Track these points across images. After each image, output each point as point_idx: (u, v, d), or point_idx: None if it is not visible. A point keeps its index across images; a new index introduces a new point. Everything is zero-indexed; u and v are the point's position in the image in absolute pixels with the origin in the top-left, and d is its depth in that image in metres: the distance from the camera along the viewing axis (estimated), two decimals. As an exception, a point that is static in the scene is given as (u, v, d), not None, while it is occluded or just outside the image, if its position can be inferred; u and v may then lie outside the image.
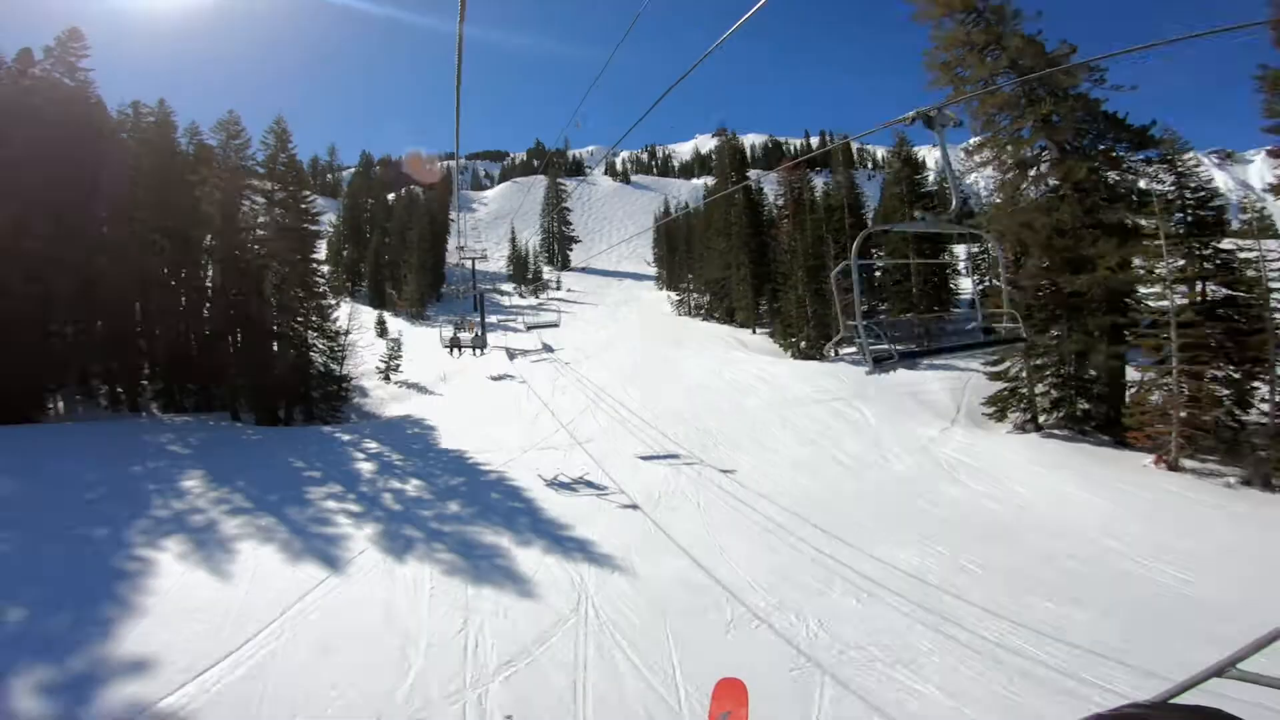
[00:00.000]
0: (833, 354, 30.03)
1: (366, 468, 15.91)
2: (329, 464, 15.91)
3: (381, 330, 41.49)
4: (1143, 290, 19.17)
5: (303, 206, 26.36)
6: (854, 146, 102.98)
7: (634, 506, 14.07)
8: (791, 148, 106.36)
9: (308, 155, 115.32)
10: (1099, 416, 20.04)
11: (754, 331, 37.84)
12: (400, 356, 31.17)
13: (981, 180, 26.36)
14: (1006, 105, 21.45)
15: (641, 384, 27.05)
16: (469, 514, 12.91)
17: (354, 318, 28.11)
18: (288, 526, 12.16)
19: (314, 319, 24.84)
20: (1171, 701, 1.09)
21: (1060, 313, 20.34)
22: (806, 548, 12.18)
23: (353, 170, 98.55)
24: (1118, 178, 20.32)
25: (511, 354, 35.02)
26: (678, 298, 48.12)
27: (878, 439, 19.80)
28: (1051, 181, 20.94)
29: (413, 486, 14.46)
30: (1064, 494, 15.43)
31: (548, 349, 35.50)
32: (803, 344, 30.02)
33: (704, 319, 43.56)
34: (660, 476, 16.28)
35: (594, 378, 28.42)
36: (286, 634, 8.95)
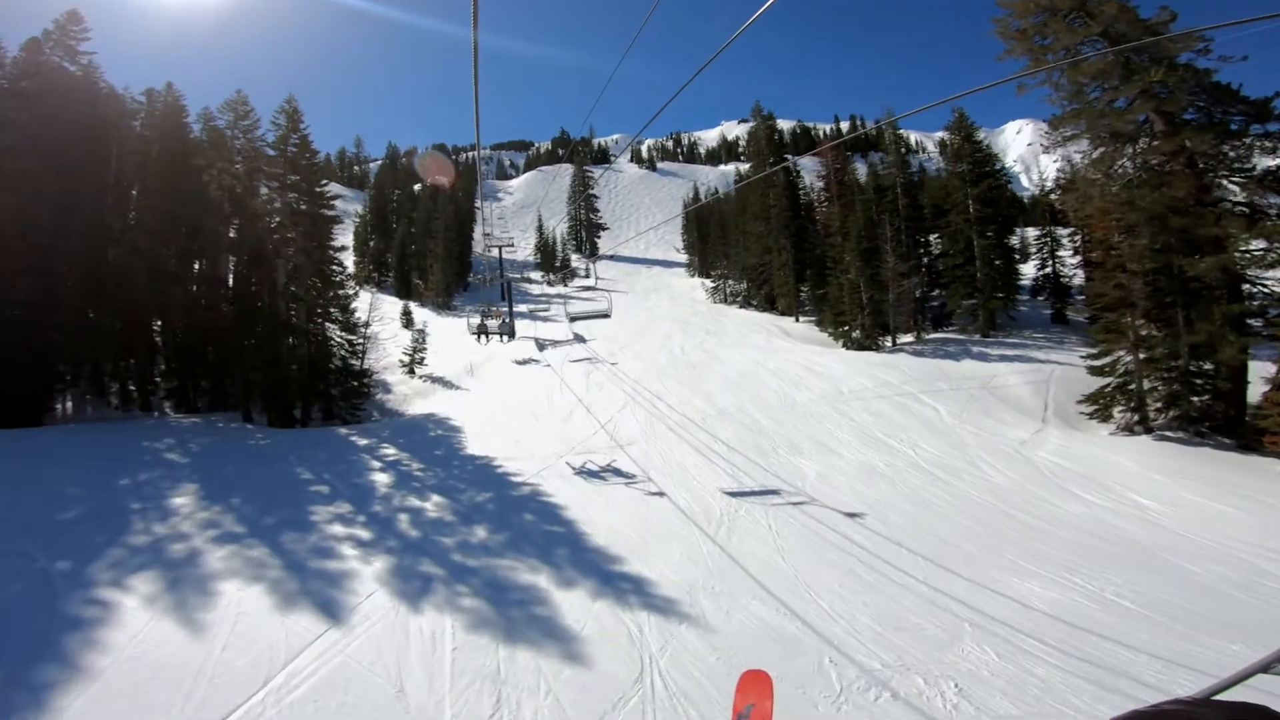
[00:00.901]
0: (891, 343, 27.16)
1: (382, 480, 13.68)
2: (340, 475, 13.73)
3: (407, 321, 39.61)
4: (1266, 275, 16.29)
5: (317, 190, 24.27)
6: (887, 132, 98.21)
7: (693, 526, 11.66)
8: (822, 132, 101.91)
9: (334, 148, 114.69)
10: (1218, 416, 17.05)
11: (797, 319, 34.97)
12: (425, 349, 29.10)
13: (1064, 156, 23.14)
14: (1100, 74, 18.32)
15: (680, 376, 24.56)
16: (498, 542, 10.58)
17: (376, 308, 26.03)
18: (282, 560, 9.99)
19: (332, 311, 22.79)
20: (1215, 698, 0.98)
21: (1175, 299, 17.26)
22: (910, 581, 9.68)
23: (379, 162, 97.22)
24: (1235, 153, 17.21)
25: (541, 344, 32.79)
26: (712, 285, 45.32)
27: (960, 441, 17.05)
28: (1153, 158, 17.87)
29: (433, 505, 12.18)
30: (1198, 507, 12.81)
31: (579, 339, 33.16)
32: (855, 333, 27.12)
33: (741, 306, 40.74)
34: (717, 488, 13.82)
35: (629, 369, 26.00)
36: (268, 716, 6.75)
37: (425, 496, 12.56)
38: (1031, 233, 35.88)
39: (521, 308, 39.79)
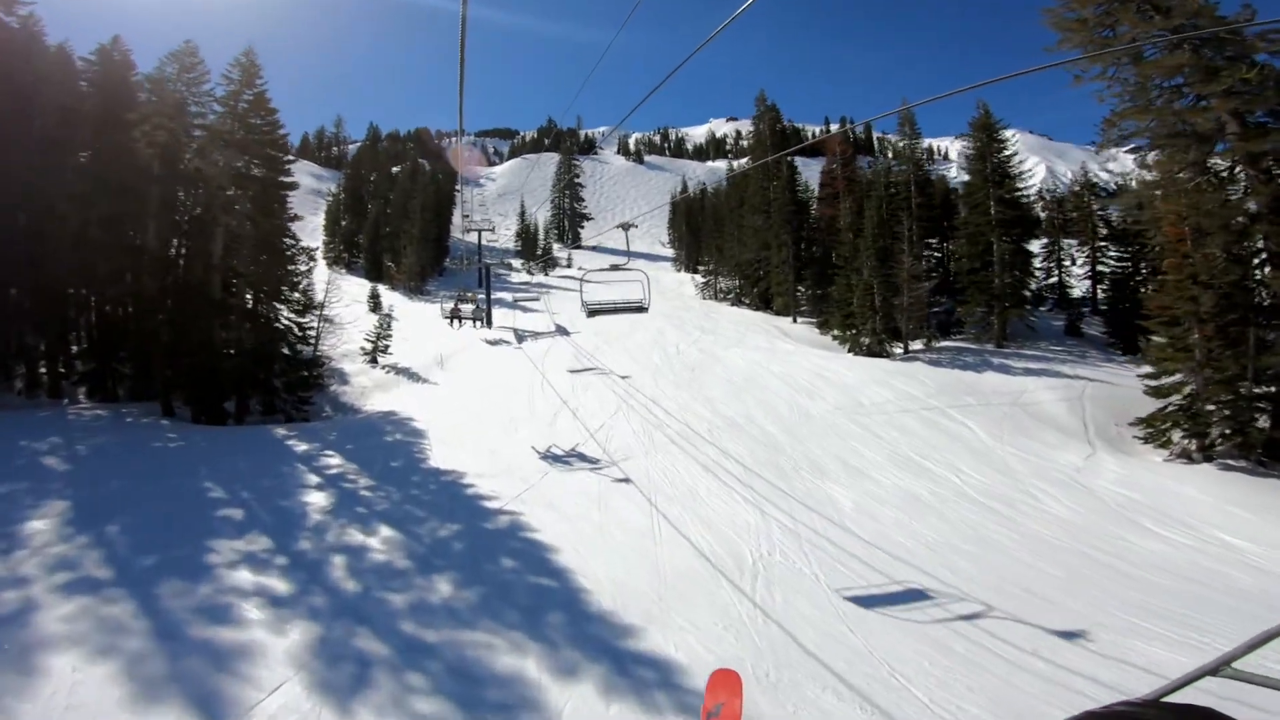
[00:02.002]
0: (903, 350, 24.84)
1: (317, 503, 10.55)
2: (262, 495, 10.55)
3: (375, 305, 36.05)
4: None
5: (270, 153, 20.80)
6: (875, 134, 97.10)
7: (720, 577, 8.96)
8: (811, 134, 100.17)
9: (313, 127, 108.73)
10: (1280, 444, 15.11)
11: (794, 320, 32.52)
12: (390, 335, 25.71)
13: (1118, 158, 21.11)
14: (1172, 70, 16.17)
15: (678, 378, 21.85)
16: (468, 603, 7.66)
17: (334, 288, 22.68)
18: (153, 622, 6.95)
19: (282, 290, 19.41)
20: (1164, 700, 1.02)
21: (1247, 316, 15.18)
22: (1015, 652, 7.39)
23: (360, 144, 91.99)
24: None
25: (520, 335, 29.72)
26: (703, 280, 42.65)
27: (1005, 465, 14.71)
28: (1224, 160, 15.82)
29: (381, 542, 9.15)
30: (1300, 548, 10.80)
31: (562, 331, 30.19)
32: (865, 339, 24.74)
33: (733, 304, 38.13)
34: (741, 522, 11.14)
35: (620, 368, 23.18)
36: None
37: (372, 528, 9.52)
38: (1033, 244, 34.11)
39: (503, 295, 36.61)
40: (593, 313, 11.62)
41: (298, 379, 18.74)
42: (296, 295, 19.71)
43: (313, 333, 20.40)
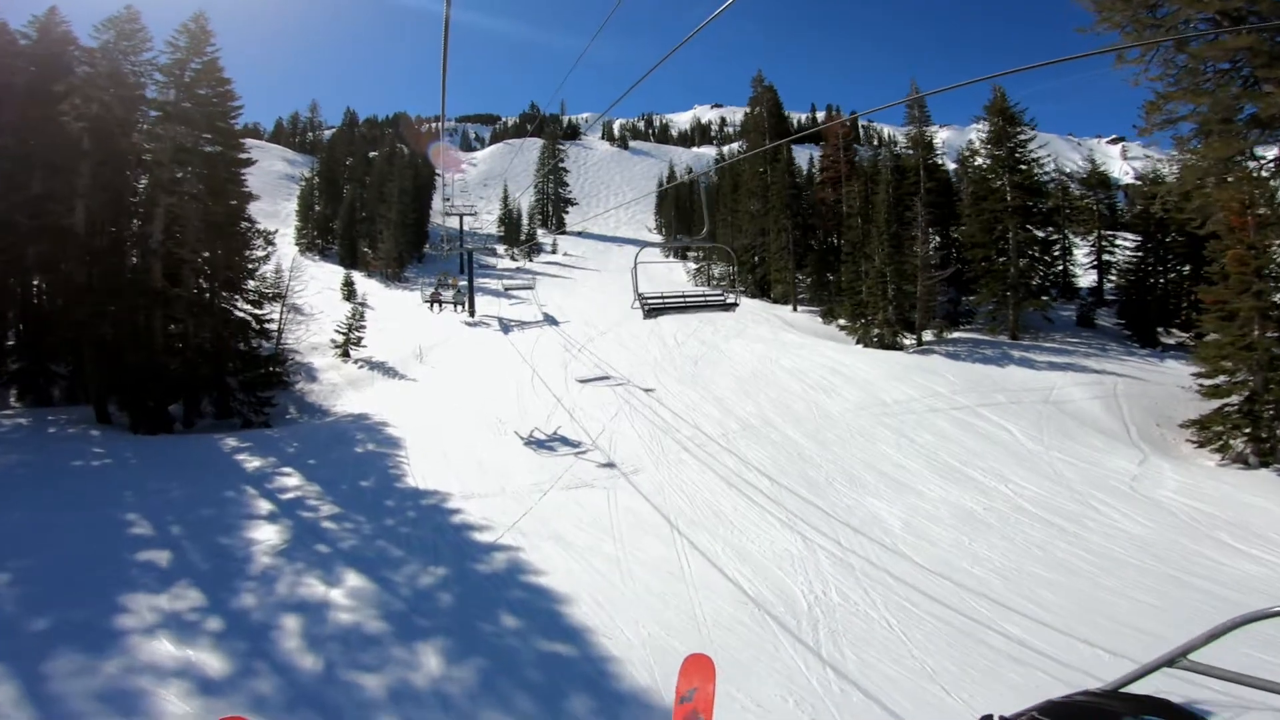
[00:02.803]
0: (916, 342, 23.32)
1: (266, 539, 8.45)
2: (197, 529, 8.41)
3: (349, 293, 33.52)
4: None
5: (220, 125, 18.30)
6: (860, 123, 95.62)
7: (776, 627, 7.23)
8: (797, 121, 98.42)
9: (287, 112, 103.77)
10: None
11: (794, 308, 30.84)
12: (364, 326, 23.33)
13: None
14: (1227, 54, 14.60)
15: (680, 373, 20.02)
16: (465, 686, 5.78)
17: (298, 274, 20.33)
18: (36, 716, 4.98)
19: (239, 278, 17.07)
20: (1123, 690, 1.06)
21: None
22: None
23: (336, 129, 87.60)
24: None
25: (506, 324, 27.59)
26: (695, 267, 40.75)
27: (1055, 473, 13.20)
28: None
29: (347, 594, 7.17)
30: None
31: (550, 320, 28.10)
32: (877, 330, 23.16)
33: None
34: (781, 550, 9.42)
35: (616, 362, 21.29)
36: None
37: (336, 575, 7.53)
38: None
39: (487, 283, 34.34)
40: (652, 311, 8.09)
41: (257, 377, 16.48)
42: (253, 284, 17.29)
43: (274, 325, 18.08)
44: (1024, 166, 25.08)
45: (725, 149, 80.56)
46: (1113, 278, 28.99)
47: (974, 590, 8.57)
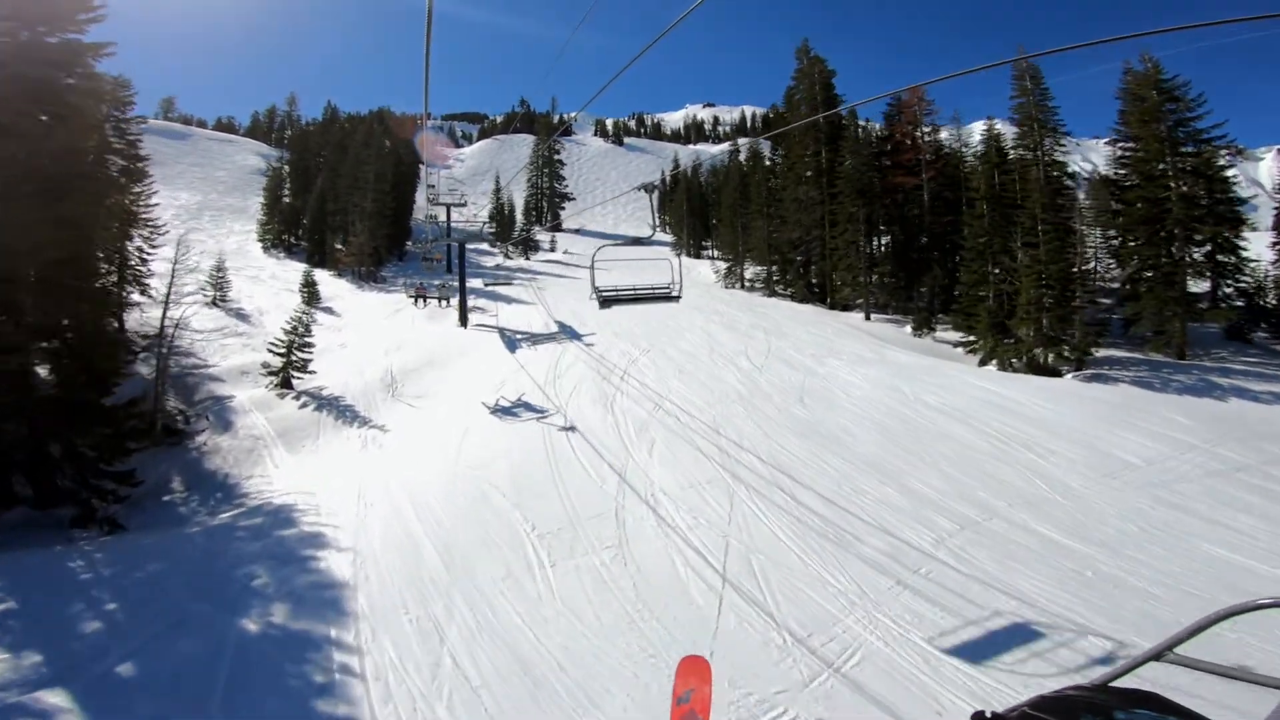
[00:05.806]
0: (1076, 365, 16.61)
1: None
2: None
3: (309, 297, 25.76)
4: None
5: (79, 69, 10.76)
6: (859, 121, 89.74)
7: None
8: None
9: (263, 105, 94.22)
10: None
11: (867, 316, 24.04)
12: (311, 343, 15.64)
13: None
14: None
15: (791, 418, 12.94)
16: None
17: (183, 254, 12.82)
18: None
19: (75, 281, 9.59)
20: (1112, 684, 1.02)
21: None
22: None
23: (314, 123, 78.43)
24: None
25: (511, 341, 20.16)
26: (725, 266, 33.72)
27: None
28: None
29: None
30: None
31: (569, 332, 20.72)
32: (1028, 351, 16.42)
33: (767, 294, 29.32)
34: None
35: (681, 396, 14.16)
36: None
37: None
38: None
39: (477, 284, 26.82)
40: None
41: (101, 439, 9.06)
42: (102, 285, 9.82)
43: (142, 347, 10.63)
44: (1190, 149, 18.65)
45: (715, 149, 74.41)
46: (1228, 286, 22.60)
47: None
